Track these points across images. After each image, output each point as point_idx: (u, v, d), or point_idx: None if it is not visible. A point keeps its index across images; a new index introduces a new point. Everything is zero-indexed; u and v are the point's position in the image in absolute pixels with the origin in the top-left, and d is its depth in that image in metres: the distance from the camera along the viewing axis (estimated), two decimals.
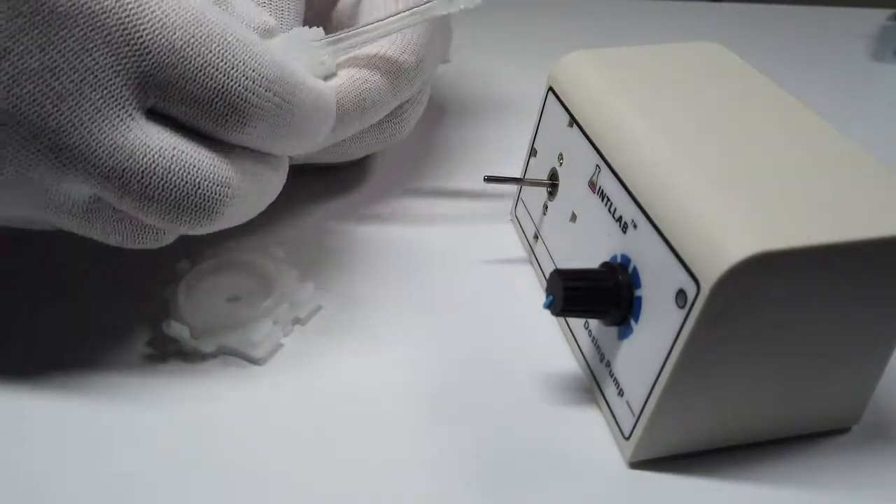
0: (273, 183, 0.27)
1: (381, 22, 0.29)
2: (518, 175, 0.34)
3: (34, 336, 0.29)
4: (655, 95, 0.28)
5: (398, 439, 0.25)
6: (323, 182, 0.38)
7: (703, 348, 0.21)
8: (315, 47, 0.29)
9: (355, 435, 0.25)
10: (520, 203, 0.35)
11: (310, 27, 0.29)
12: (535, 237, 0.33)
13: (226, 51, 0.23)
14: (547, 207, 0.32)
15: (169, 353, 0.28)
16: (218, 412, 0.26)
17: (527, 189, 0.34)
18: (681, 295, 0.21)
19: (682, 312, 0.21)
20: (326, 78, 0.30)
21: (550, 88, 0.32)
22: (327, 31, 0.31)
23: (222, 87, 0.23)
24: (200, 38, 0.23)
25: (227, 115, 0.23)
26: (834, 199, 0.22)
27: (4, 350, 0.28)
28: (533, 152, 0.33)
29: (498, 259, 0.34)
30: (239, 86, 0.23)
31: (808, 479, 0.24)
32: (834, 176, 0.23)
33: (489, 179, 0.31)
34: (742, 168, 0.23)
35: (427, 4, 0.29)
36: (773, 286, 0.21)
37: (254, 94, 0.23)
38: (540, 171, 0.32)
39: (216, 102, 0.23)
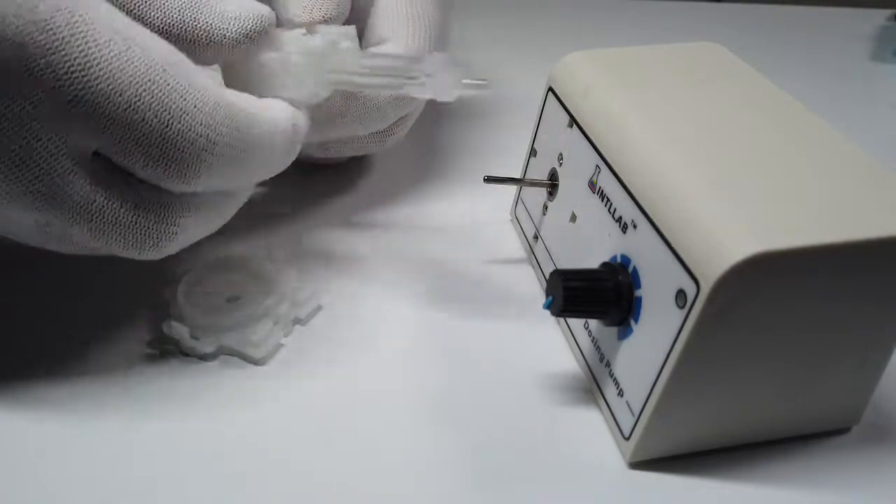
0: (229, 208, 0.26)
1: (380, 79, 0.28)
2: (518, 175, 0.34)
3: (34, 337, 0.29)
4: (655, 96, 0.28)
5: (398, 439, 0.25)
6: (323, 182, 0.38)
7: (703, 348, 0.21)
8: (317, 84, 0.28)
9: (355, 435, 0.25)
10: (520, 203, 0.35)
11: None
12: (535, 237, 0.33)
13: (172, 117, 0.22)
14: (547, 207, 0.32)
15: (169, 353, 0.28)
16: (218, 412, 0.26)
17: (527, 189, 0.34)
18: (681, 295, 0.21)
19: (682, 312, 0.21)
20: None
21: (550, 89, 0.32)
22: None
23: (167, 152, 0.23)
24: (148, 102, 0.22)
25: (173, 175, 0.23)
26: (834, 200, 0.22)
27: (4, 351, 0.28)
28: (533, 152, 0.33)
29: (498, 259, 0.34)
30: (187, 152, 0.23)
31: (808, 479, 0.24)
32: (834, 176, 0.23)
33: (489, 179, 0.31)
34: (742, 168, 0.23)
35: (417, 80, 0.29)
36: (773, 286, 0.21)
37: (200, 158, 0.23)
38: (540, 172, 0.32)
39: (163, 165, 0.23)
